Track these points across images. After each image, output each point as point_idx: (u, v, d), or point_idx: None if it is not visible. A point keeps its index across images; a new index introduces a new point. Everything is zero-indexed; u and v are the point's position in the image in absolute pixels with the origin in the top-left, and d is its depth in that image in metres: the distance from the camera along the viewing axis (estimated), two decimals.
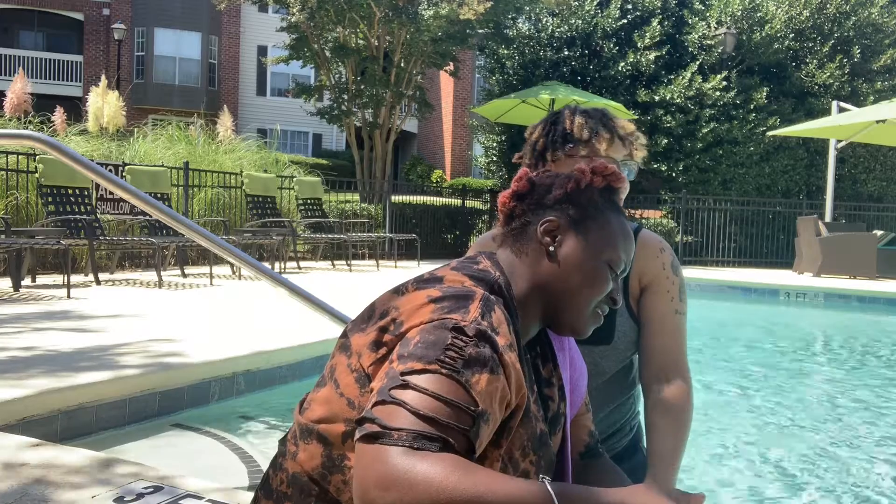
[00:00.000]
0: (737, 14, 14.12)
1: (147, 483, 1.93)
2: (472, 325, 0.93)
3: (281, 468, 1.07)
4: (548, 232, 1.12)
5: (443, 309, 0.96)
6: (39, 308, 5.09)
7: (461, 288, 1.01)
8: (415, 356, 0.90)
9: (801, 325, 8.48)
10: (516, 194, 1.16)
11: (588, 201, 1.14)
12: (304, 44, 13.73)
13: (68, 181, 7.25)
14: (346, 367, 1.02)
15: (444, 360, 0.89)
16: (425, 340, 0.92)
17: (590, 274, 1.11)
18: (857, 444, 3.59)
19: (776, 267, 13.42)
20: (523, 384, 0.98)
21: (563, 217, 1.12)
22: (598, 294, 1.12)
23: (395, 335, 0.97)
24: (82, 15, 26.30)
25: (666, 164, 14.22)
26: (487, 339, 0.93)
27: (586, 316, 1.13)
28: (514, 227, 1.15)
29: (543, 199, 1.14)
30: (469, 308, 0.96)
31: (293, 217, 10.83)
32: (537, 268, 1.12)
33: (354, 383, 1.00)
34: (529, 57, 15.05)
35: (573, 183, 1.13)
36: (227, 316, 5.17)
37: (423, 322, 0.95)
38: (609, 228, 1.13)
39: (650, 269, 1.58)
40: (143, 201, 2.99)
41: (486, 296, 1.00)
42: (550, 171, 1.19)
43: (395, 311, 1.00)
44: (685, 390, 1.53)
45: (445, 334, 0.92)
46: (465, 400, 0.88)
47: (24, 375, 2.98)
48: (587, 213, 1.13)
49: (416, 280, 1.06)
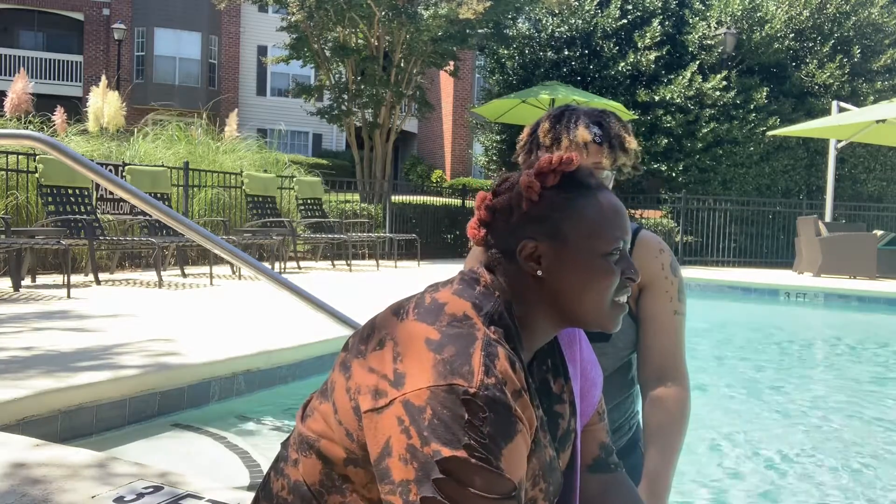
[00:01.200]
0: (737, 14, 14.12)
1: (147, 483, 1.93)
2: (481, 393, 0.89)
3: (282, 473, 1.06)
4: (528, 257, 1.04)
5: (445, 364, 0.91)
6: (39, 308, 5.09)
7: (461, 331, 0.95)
8: (438, 438, 0.88)
9: (801, 325, 8.48)
10: (481, 223, 1.09)
11: (551, 208, 1.05)
12: (303, 44, 13.73)
13: (68, 181, 7.25)
14: (343, 390, 0.99)
15: (470, 445, 0.87)
16: (438, 416, 0.88)
17: (588, 274, 1.04)
18: (857, 444, 3.59)
19: (776, 267, 13.43)
20: (534, 421, 0.96)
21: (535, 236, 1.04)
22: (607, 287, 1.05)
23: (398, 391, 0.92)
24: (82, 15, 26.31)
25: (666, 164, 14.23)
26: (500, 404, 0.90)
27: (606, 311, 1.06)
28: (495, 255, 1.08)
29: (508, 223, 1.06)
30: (472, 363, 0.91)
31: (293, 217, 10.83)
32: (535, 288, 1.05)
33: (352, 414, 0.97)
34: (529, 57, 15.05)
35: (527, 201, 1.04)
36: (226, 316, 5.17)
37: (428, 385, 0.90)
38: (586, 220, 1.04)
39: (649, 269, 1.58)
40: (143, 201, 2.99)
41: (486, 339, 0.95)
42: (507, 185, 1.09)
43: (395, 350, 0.96)
44: (683, 391, 1.53)
45: (459, 410, 0.89)
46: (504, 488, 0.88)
47: (24, 375, 2.98)
48: (557, 220, 1.04)
49: (416, 304, 1.01)
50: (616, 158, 1.55)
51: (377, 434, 0.92)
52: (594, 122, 1.56)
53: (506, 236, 1.06)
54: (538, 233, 1.04)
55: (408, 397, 0.90)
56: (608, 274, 1.04)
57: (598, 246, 1.04)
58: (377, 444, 0.92)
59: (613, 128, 1.56)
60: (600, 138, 1.54)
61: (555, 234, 1.04)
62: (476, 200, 1.09)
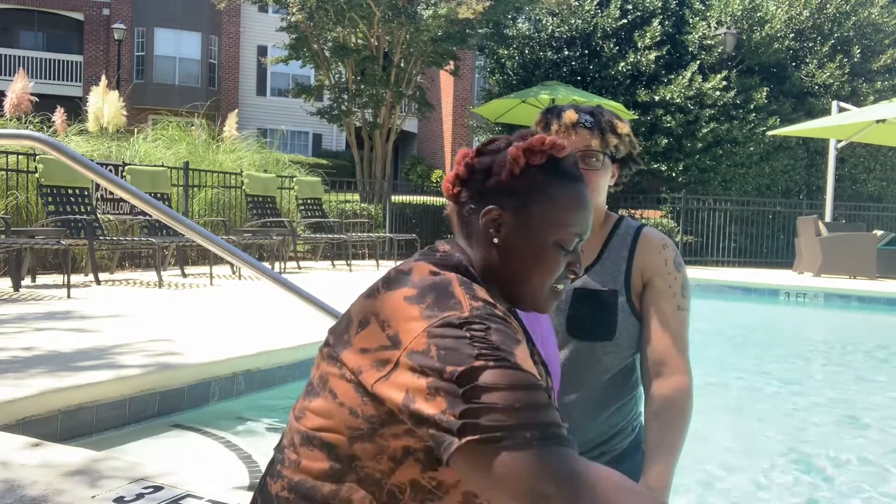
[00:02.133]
0: (737, 14, 14.12)
1: (147, 483, 1.93)
2: (474, 314, 0.93)
3: (280, 475, 1.06)
4: (490, 222, 1.07)
5: (431, 308, 0.94)
6: (39, 308, 5.09)
7: (434, 280, 0.99)
8: (450, 362, 0.89)
9: (801, 325, 8.48)
10: (458, 178, 1.11)
11: (527, 185, 1.07)
12: (303, 44, 13.73)
13: (68, 181, 7.25)
14: (339, 377, 0.99)
15: (482, 354, 0.89)
16: (444, 346, 0.90)
17: (537, 259, 1.07)
18: (857, 444, 3.59)
19: (776, 267, 13.42)
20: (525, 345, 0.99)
21: (503, 205, 1.07)
22: (549, 277, 1.08)
23: (398, 350, 0.94)
24: (82, 15, 26.30)
25: (666, 164, 14.22)
26: (495, 316, 0.94)
27: (543, 296, 1.10)
28: (462, 213, 1.11)
29: (483, 185, 1.08)
30: (456, 296, 0.95)
31: (293, 217, 10.82)
32: (487, 254, 1.09)
33: (353, 392, 0.98)
34: (529, 57, 15.05)
35: (508, 171, 1.07)
36: (226, 316, 5.16)
37: (423, 330, 0.92)
38: (554, 208, 1.07)
39: (652, 265, 1.59)
40: (143, 201, 2.99)
41: (458, 277, 1.00)
42: (493, 147, 1.11)
43: (380, 321, 0.97)
44: (686, 386, 1.53)
45: (459, 333, 0.91)
46: (527, 380, 0.89)
47: (24, 375, 2.98)
48: (528, 198, 1.07)
49: (384, 281, 1.03)
50: (607, 143, 1.55)
51: (395, 395, 0.93)
52: (586, 111, 1.59)
53: (476, 196, 1.09)
54: (507, 203, 1.07)
55: (410, 349, 0.92)
56: (556, 262, 1.08)
57: (557, 234, 1.07)
58: (398, 402, 0.92)
59: (605, 115, 1.58)
60: (590, 123, 1.55)
61: (522, 209, 1.07)
62: (458, 156, 1.11)
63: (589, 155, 1.54)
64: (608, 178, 1.60)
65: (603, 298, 1.57)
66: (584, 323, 1.57)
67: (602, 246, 1.63)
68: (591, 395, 1.59)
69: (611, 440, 1.63)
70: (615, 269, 1.60)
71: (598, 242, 1.63)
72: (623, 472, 1.65)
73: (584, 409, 1.59)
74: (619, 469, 1.61)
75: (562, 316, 1.58)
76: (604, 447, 1.62)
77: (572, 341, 1.58)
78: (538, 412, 0.88)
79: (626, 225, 1.65)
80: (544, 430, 0.86)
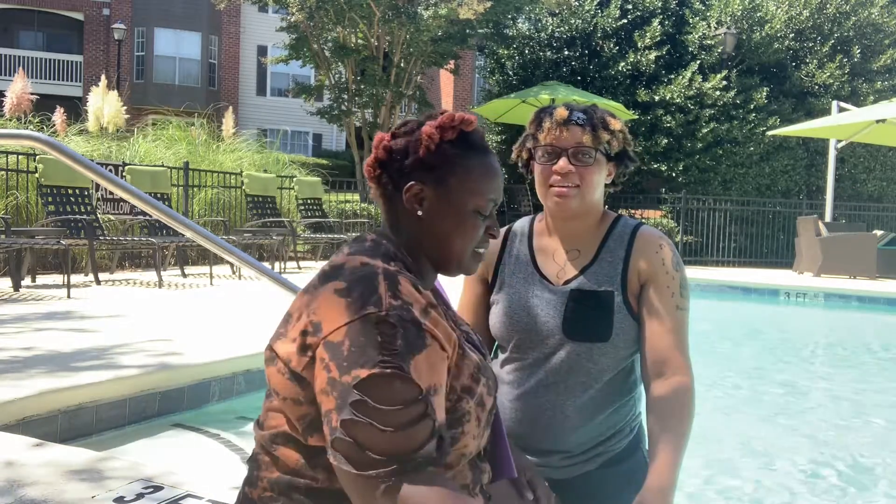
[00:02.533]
0: (737, 14, 14.12)
1: (147, 483, 1.93)
2: (391, 313, 1.01)
3: (258, 480, 1.12)
4: (413, 198, 1.16)
5: (355, 301, 1.02)
6: (39, 308, 5.09)
7: (361, 269, 1.07)
8: (355, 363, 0.98)
9: (801, 325, 8.48)
10: (378, 161, 1.18)
11: (444, 160, 1.16)
12: (303, 44, 13.73)
13: (68, 181, 7.25)
14: (276, 373, 1.08)
15: (383, 361, 0.98)
16: (356, 344, 0.99)
17: (459, 226, 1.17)
18: (857, 444, 3.59)
19: (776, 267, 13.42)
20: (450, 332, 1.09)
21: (423, 180, 1.16)
22: (471, 241, 1.19)
23: (318, 337, 1.02)
24: (82, 15, 26.29)
25: (666, 164, 14.22)
26: (408, 320, 1.02)
27: (468, 257, 1.21)
28: (386, 194, 1.19)
29: (403, 164, 1.16)
30: (378, 293, 1.03)
31: (293, 217, 10.83)
32: (413, 228, 1.18)
33: (290, 383, 1.06)
34: (529, 57, 15.04)
35: (424, 148, 1.15)
36: (226, 316, 5.16)
37: (345, 322, 1.01)
38: (470, 177, 1.17)
39: (649, 264, 1.57)
40: (143, 201, 2.99)
41: (385, 269, 1.07)
42: (406, 129, 1.19)
43: (310, 311, 1.05)
44: (687, 387, 1.52)
45: (372, 332, 1.00)
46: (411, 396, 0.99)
47: (24, 375, 2.98)
48: (446, 171, 1.16)
49: (319, 275, 1.11)
50: (599, 139, 1.54)
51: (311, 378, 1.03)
52: (579, 108, 1.58)
53: (397, 175, 1.17)
54: (427, 178, 1.16)
55: (328, 339, 1.01)
56: (476, 226, 1.19)
57: (474, 201, 1.18)
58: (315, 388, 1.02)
59: (598, 112, 1.58)
60: (582, 120, 1.55)
61: (440, 182, 1.16)
62: (374, 141, 1.19)
63: (581, 151, 1.54)
64: (602, 176, 1.59)
65: (599, 299, 1.56)
66: (581, 324, 1.56)
67: (599, 245, 1.62)
68: (588, 396, 1.58)
69: (609, 441, 1.62)
70: (612, 269, 1.59)
71: (595, 242, 1.62)
72: (622, 472, 1.66)
73: (582, 410, 1.58)
74: (618, 469, 1.62)
75: (558, 317, 1.57)
76: (602, 447, 1.61)
77: (569, 343, 1.57)
78: (403, 439, 0.99)
79: (624, 224, 1.64)
80: (394, 464, 0.98)
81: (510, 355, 1.64)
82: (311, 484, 1.07)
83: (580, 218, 1.60)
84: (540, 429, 1.59)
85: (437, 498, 0.99)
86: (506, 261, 1.69)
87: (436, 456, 1.03)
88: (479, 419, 1.14)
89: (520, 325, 1.60)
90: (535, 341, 1.60)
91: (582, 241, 1.63)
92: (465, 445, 1.13)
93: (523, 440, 1.58)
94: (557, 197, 1.55)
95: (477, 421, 1.14)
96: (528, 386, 1.60)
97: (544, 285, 1.61)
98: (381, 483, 0.98)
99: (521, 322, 1.60)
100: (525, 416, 1.60)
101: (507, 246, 1.70)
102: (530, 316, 1.60)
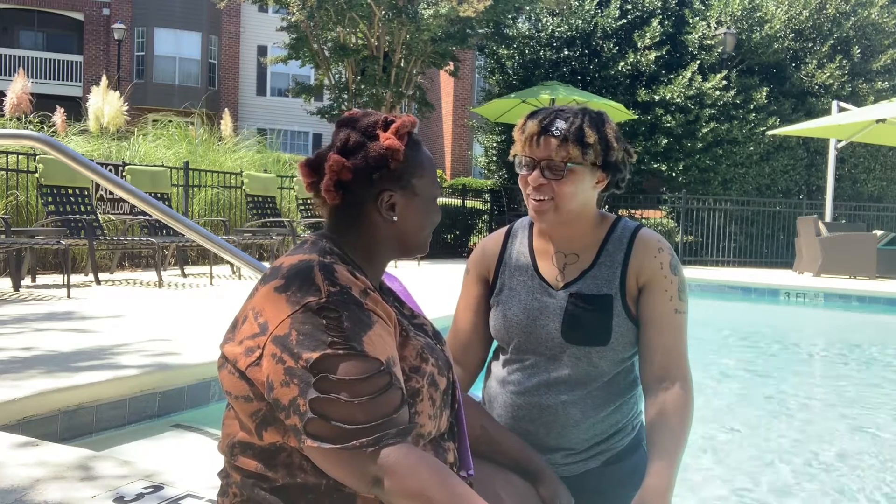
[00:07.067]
0: (737, 14, 14.12)
1: (147, 483, 1.93)
2: (331, 299, 1.05)
3: (228, 488, 1.17)
4: (388, 207, 1.22)
5: (295, 295, 1.06)
6: (39, 308, 5.09)
7: (297, 264, 1.11)
8: (307, 348, 1.02)
9: (801, 325, 8.48)
10: (341, 183, 1.20)
11: (406, 166, 1.22)
12: (303, 43, 13.72)
13: (68, 181, 7.25)
14: (227, 374, 1.11)
15: (334, 342, 1.02)
16: (303, 332, 1.03)
17: (427, 217, 1.27)
18: (857, 444, 3.59)
19: (776, 267, 13.42)
20: (390, 311, 1.14)
21: (391, 189, 1.21)
22: (436, 222, 1.29)
23: (265, 335, 1.06)
24: (82, 15, 26.30)
25: (666, 164, 14.22)
26: (350, 302, 1.07)
27: (428, 239, 1.30)
28: (352, 206, 1.22)
29: (371, 178, 1.20)
30: (316, 283, 1.07)
31: (293, 217, 10.83)
32: (384, 229, 1.23)
33: (239, 381, 1.09)
34: (529, 57, 15.04)
35: (394, 162, 1.20)
36: (226, 316, 5.15)
37: (287, 315, 1.04)
38: (425, 172, 1.25)
39: (648, 268, 1.57)
40: (143, 201, 2.99)
41: (320, 262, 1.11)
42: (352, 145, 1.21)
43: (255, 312, 1.09)
44: (686, 390, 1.53)
45: (316, 319, 1.04)
46: (371, 369, 1.03)
47: (24, 375, 2.98)
48: (409, 175, 1.23)
49: (262, 279, 1.15)
50: (569, 152, 1.50)
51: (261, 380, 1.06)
52: (558, 117, 1.53)
53: (363, 192, 1.21)
54: (394, 186, 1.22)
55: (275, 333, 1.05)
56: (437, 210, 1.29)
57: (433, 191, 1.27)
58: (265, 388, 1.05)
59: (578, 122, 1.52)
60: (557, 132, 1.51)
61: (406, 185, 1.23)
62: (333, 165, 1.19)
63: (551, 166, 1.51)
64: (583, 186, 1.54)
65: (598, 304, 1.57)
66: (580, 329, 1.56)
67: (598, 249, 1.62)
68: (588, 395, 1.59)
69: (610, 439, 1.63)
70: (610, 273, 1.59)
71: (594, 245, 1.62)
72: (623, 470, 1.66)
73: (582, 409, 1.59)
74: (620, 467, 1.63)
75: (558, 322, 1.58)
76: (604, 445, 1.62)
77: (568, 346, 1.57)
78: (375, 406, 1.02)
79: (623, 227, 1.64)
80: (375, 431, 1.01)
81: (511, 356, 1.66)
82: (273, 484, 1.10)
83: (568, 224, 1.59)
84: (542, 426, 1.60)
85: (425, 462, 1.01)
86: (506, 262, 1.69)
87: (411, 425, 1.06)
88: (432, 398, 1.18)
89: (519, 329, 1.62)
90: (534, 344, 1.61)
91: (580, 245, 1.63)
92: (421, 425, 1.16)
93: (526, 438, 1.59)
94: (532, 210, 1.57)
95: (431, 400, 1.18)
96: (529, 385, 1.61)
97: (544, 289, 1.62)
98: (366, 449, 1.00)
99: (520, 325, 1.61)
100: (527, 414, 1.61)
101: (507, 246, 1.71)
102: (530, 320, 1.60)
